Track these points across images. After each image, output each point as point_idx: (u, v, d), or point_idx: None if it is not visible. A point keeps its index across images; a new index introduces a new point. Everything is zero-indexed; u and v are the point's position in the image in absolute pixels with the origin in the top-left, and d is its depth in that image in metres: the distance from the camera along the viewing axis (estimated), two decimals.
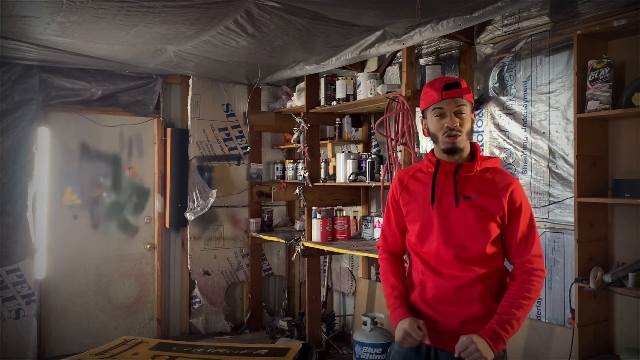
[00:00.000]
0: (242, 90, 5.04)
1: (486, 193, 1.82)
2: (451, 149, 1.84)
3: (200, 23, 3.13)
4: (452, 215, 1.83)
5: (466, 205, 1.82)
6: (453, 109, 1.81)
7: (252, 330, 5.00)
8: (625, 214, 2.78)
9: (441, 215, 1.84)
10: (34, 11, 2.86)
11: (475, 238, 1.80)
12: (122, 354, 1.38)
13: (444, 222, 1.83)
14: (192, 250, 4.80)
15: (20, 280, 4.15)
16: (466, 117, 1.83)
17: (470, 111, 1.86)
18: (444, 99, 1.81)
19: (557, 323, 3.08)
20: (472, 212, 1.81)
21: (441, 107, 1.82)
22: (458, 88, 1.82)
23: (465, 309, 1.81)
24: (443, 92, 1.81)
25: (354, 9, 2.91)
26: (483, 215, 1.80)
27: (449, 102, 1.81)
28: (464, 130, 1.82)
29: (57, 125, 4.35)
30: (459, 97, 1.82)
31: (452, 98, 1.81)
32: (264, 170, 5.16)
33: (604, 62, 2.60)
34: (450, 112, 1.81)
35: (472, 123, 1.87)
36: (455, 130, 1.80)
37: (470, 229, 1.81)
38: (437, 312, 1.85)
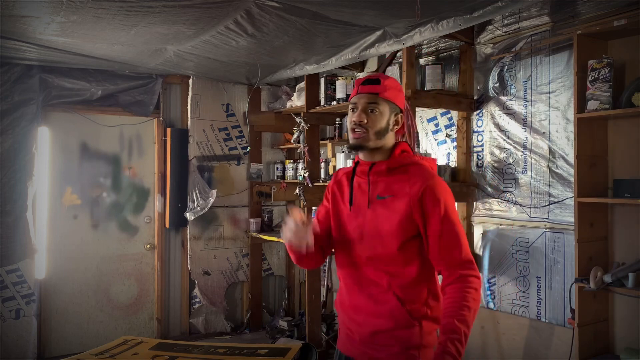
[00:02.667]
0: (242, 90, 5.04)
1: (399, 193, 1.70)
2: (354, 145, 1.74)
3: (200, 23, 3.13)
4: (365, 216, 1.74)
5: (379, 206, 1.72)
6: (364, 104, 1.72)
7: (252, 330, 5.00)
8: (625, 214, 2.78)
9: (356, 217, 1.76)
10: (34, 11, 2.86)
11: (386, 241, 1.69)
12: (122, 354, 1.38)
13: (358, 224, 1.75)
14: (192, 250, 4.80)
15: (20, 280, 4.15)
16: (379, 115, 1.71)
17: (390, 112, 1.74)
18: (359, 92, 1.75)
19: (557, 323, 3.08)
20: (383, 213, 1.70)
21: (355, 101, 1.75)
22: (375, 84, 1.73)
23: (377, 320, 1.70)
24: (360, 87, 1.75)
25: (354, 9, 2.90)
26: (394, 216, 1.68)
27: (362, 96, 1.73)
28: (371, 129, 1.70)
29: (57, 125, 4.35)
30: (375, 93, 1.71)
31: (366, 93, 1.72)
32: (264, 170, 5.16)
33: (604, 62, 2.60)
34: (361, 107, 1.72)
35: (389, 124, 1.74)
36: (361, 126, 1.71)
37: (381, 231, 1.70)
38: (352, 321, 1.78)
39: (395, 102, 1.76)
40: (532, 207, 3.22)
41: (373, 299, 1.71)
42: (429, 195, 1.65)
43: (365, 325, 1.72)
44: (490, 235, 3.47)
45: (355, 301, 1.76)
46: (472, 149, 3.59)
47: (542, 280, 3.18)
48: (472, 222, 3.58)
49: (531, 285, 3.23)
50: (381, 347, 1.69)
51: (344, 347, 1.83)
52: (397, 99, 1.76)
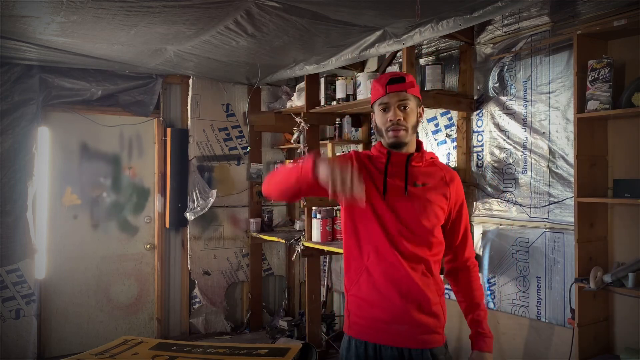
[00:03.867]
0: (242, 90, 5.04)
1: (433, 182, 1.86)
2: (395, 143, 1.83)
3: (200, 23, 3.13)
4: (402, 203, 1.82)
5: (416, 194, 1.82)
6: (396, 102, 1.81)
7: (252, 330, 5.00)
8: (625, 214, 2.78)
9: (391, 203, 1.82)
10: (34, 11, 2.86)
11: (424, 225, 1.81)
12: (122, 354, 1.38)
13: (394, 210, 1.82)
14: (192, 250, 4.80)
15: (20, 280, 4.15)
16: (410, 111, 1.83)
17: (417, 106, 1.86)
18: (388, 93, 1.82)
19: (557, 323, 3.08)
20: (421, 199, 1.82)
21: (386, 101, 1.82)
22: (402, 82, 1.82)
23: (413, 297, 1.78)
24: (387, 87, 1.82)
25: (354, 9, 2.91)
26: (431, 203, 1.82)
27: (392, 96, 1.81)
28: (408, 125, 1.82)
29: (57, 125, 4.35)
30: (403, 91, 1.82)
31: (396, 92, 1.81)
32: (264, 170, 5.16)
33: (604, 62, 2.60)
34: (394, 106, 1.81)
35: (418, 117, 1.87)
36: (399, 124, 1.80)
37: (419, 216, 1.81)
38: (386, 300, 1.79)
39: (419, 97, 1.89)
40: (532, 207, 3.22)
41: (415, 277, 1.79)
42: (458, 186, 1.91)
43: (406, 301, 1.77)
44: (490, 235, 3.47)
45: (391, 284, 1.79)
46: (472, 149, 3.59)
47: (542, 280, 3.18)
48: (472, 222, 3.58)
49: (531, 285, 3.23)
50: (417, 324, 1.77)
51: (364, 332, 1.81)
52: (418, 92, 1.90)
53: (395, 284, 1.78)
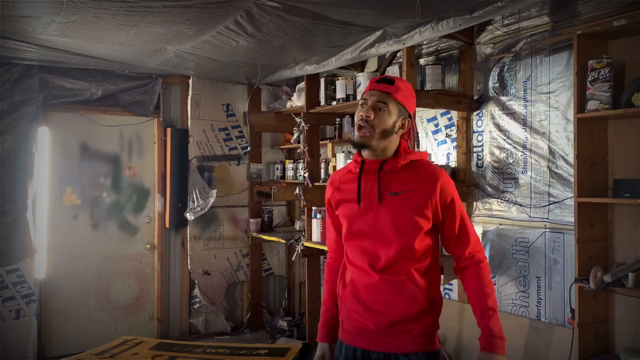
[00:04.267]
0: (242, 90, 5.04)
1: (412, 188, 1.76)
2: (358, 143, 1.77)
3: (200, 23, 3.13)
4: (378, 212, 1.77)
5: (393, 202, 1.76)
6: (374, 101, 1.74)
7: (252, 330, 5.00)
8: (625, 214, 2.78)
9: (368, 213, 1.78)
10: (34, 11, 2.86)
11: (403, 234, 1.74)
12: (122, 354, 1.38)
13: (371, 220, 1.78)
14: (192, 250, 4.80)
15: (20, 280, 4.15)
16: (385, 115, 1.74)
17: (398, 114, 1.77)
18: (371, 89, 1.76)
19: (557, 323, 3.08)
20: (399, 207, 1.75)
21: (366, 97, 1.77)
22: (389, 84, 1.75)
23: (399, 307, 1.76)
24: (373, 84, 1.77)
25: (354, 9, 2.91)
26: (410, 210, 1.74)
27: (373, 93, 1.75)
28: (376, 126, 1.73)
29: (57, 125, 4.35)
30: (386, 93, 1.74)
31: (378, 91, 1.74)
32: (264, 170, 5.16)
33: (604, 62, 2.60)
34: (371, 104, 1.74)
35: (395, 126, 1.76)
36: (367, 122, 1.73)
37: (398, 225, 1.75)
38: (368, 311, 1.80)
39: (405, 106, 1.78)
40: (532, 207, 3.22)
41: (394, 289, 1.75)
42: (444, 189, 1.77)
43: (386, 314, 1.76)
44: (490, 235, 3.47)
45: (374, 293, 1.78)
46: (472, 149, 3.59)
47: (542, 280, 3.18)
48: (472, 222, 3.58)
49: (531, 285, 3.23)
50: (400, 332, 1.75)
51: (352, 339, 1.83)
52: (407, 103, 1.79)
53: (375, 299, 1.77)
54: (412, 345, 1.75)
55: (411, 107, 1.81)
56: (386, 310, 1.76)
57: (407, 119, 1.80)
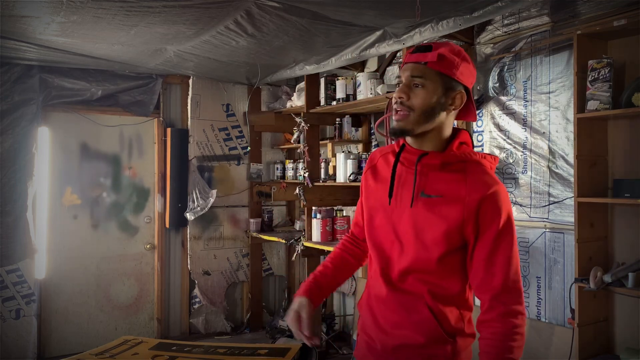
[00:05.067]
0: (242, 90, 5.04)
1: (451, 195, 1.40)
2: (394, 129, 1.42)
3: (200, 23, 3.13)
4: (404, 214, 1.45)
5: (423, 206, 1.42)
6: (408, 77, 1.41)
7: (252, 330, 5.00)
8: (625, 214, 2.78)
9: (392, 213, 1.48)
10: (34, 11, 2.86)
11: (422, 246, 1.42)
12: (122, 353, 1.38)
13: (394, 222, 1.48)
14: (192, 250, 4.80)
15: (20, 280, 4.15)
16: (424, 92, 1.38)
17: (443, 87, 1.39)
18: (404, 63, 1.43)
19: (557, 323, 3.08)
20: (427, 215, 1.41)
21: (400, 75, 1.44)
22: (425, 52, 1.38)
23: (405, 332, 1.46)
24: (407, 56, 1.43)
25: (354, 9, 2.90)
26: (440, 222, 1.39)
27: (407, 68, 1.41)
28: (414, 107, 1.39)
29: (57, 125, 4.35)
30: (421, 63, 1.38)
31: (412, 63, 1.40)
32: (264, 170, 5.16)
33: (604, 62, 2.60)
34: (405, 81, 1.41)
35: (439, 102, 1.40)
36: (401, 104, 1.40)
37: (422, 235, 1.42)
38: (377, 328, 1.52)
39: (453, 75, 1.40)
40: (532, 207, 3.22)
41: (405, 307, 1.46)
42: (489, 206, 1.37)
43: (392, 336, 1.48)
44: None
45: (383, 307, 1.51)
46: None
47: (542, 280, 3.18)
48: None
49: (531, 285, 3.23)
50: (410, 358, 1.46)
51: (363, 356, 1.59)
52: (454, 70, 1.39)
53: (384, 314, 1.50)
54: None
55: (462, 76, 1.41)
56: (393, 331, 1.48)
57: (459, 92, 1.42)
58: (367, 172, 1.62)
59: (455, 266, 1.44)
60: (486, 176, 1.41)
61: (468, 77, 1.44)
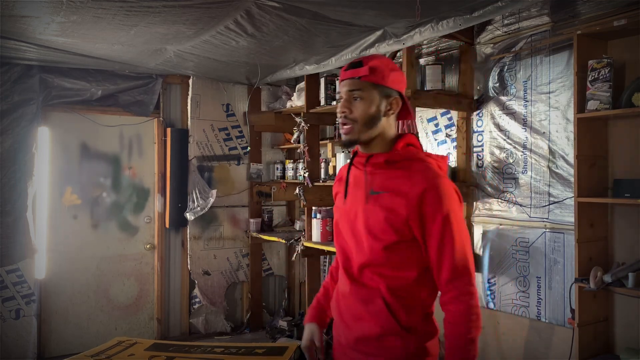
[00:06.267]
0: (242, 90, 5.04)
1: (396, 190, 1.50)
2: (345, 141, 1.57)
3: (200, 23, 3.13)
4: (358, 211, 1.58)
5: (372, 202, 1.54)
6: (346, 92, 1.54)
7: (252, 330, 5.00)
8: (625, 214, 2.78)
9: (349, 213, 1.61)
10: (34, 11, 2.86)
11: (374, 240, 1.52)
12: (118, 354, 1.37)
13: (350, 219, 1.61)
14: (192, 250, 4.80)
15: (20, 280, 4.15)
16: (364, 103, 1.51)
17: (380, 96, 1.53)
18: (341, 80, 1.56)
19: (557, 323, 3.07)
20: (375, 210, 1.53)
21: (339, 90, 1.57)
22: (357, 67, 1.51)
23: (363, 323, 1.56)
24: (342, 73, 1.56)
25: (354, 9, 2.90)
26: (383, 214, 1.51)
27: (344, 84, 1.54)
28: (357, 118, 1.52)
29: (57, 125, 4.35)
30: (355, 78, 1.51)
31: (349, 79, 1.53)
32: (264, 170, 5.16)
33: (604, 62, 2.60)
34: (345, 96, 1.54)
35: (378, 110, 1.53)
36: (345, 118, 1.53)
37: (370, 228, 1.53)
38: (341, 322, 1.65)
39: (385, 84, 1.53)
40: (532, 207, 3.22)
41: (363, 300, 1.56)
42: (430, 197, 1.46)
43: (353, 328, 1.59)
44: (490, 235, 3.47)
45: (347, 302, 1.62)
46: (472, 149, 3.59)
47: (542, 280, 3.17)
48: (472, 222, 3.57)
49: (531, 285, 3.23)
50: (366, 355, 1.56)
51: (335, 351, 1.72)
52: (386, 80, 1.53)
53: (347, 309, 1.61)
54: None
55: (393, 83, 1.55)
56: (354, 325, 1.58)
57: (394, 98, 1.56)
58: (335, 184, 1.78)
59: (407, 258, 1.53)
60: (428, 171, 1.52)
61: (399, 83, 1.57)
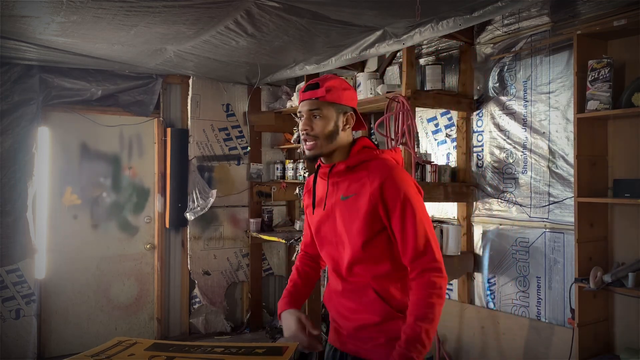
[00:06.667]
0: (242, 90, 5.04)
1: (360, 190, 1.69)
2: (309, 155, 1.75)
3: (200, 23, 3.13)
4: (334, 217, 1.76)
5: (344, 206, 1.72)
6: (307, 111, 1.71)
7: (252, 330, 5.00)
8: (625, 214, 2.78)
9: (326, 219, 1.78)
10: (34, 11, 2.86)
11: (353, 239, 1.70)
12: (118, 354, 1.37)
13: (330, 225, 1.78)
14: (192, 250, 4.80)
15: (20, 280, 4.15)
16: (323, 120, 1.69)
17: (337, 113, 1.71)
18: (301, 100, 1.74)
19: (557, 323, 3.07)
20: (347, 211, 1.71)
21: (300, 110, 1.74)
22: (314, 89, 1.70)
23: (362, 315, 1.73)
24: (301, 94, 1.74)
25: (354, 9, 2.90)
26: (356, 214, 1.69)
27: (304, 104, 1.72)
28: (318, 134, 1.70)
29: (57, 125, 4.35)
30: (315, 99, 1.69)
31: (308, 100, 1.71)
32: (264, 170, 5.16)
33: (604, 62, 2.60)
34: (306, 115, 1.71)
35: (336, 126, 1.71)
36: (308, 134, 1.71)
37: (348, 230, 1.71)
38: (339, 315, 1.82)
39: (341, 102, 1.72)
40: (532, 207, 3.22)
41: (355, 295, 1.74)
42: (388, 188, 1.64)
43: (352, 320, 1.76)
44: (490, 235, 3.47)
45: (340, 298, 1.80)
46: (472, 149, 3.59)
47: (542, 280, 3.17)
48: (472, 222, 3.58)
49: (531, 285, 3.23)
50: (367, 339, 1.73)
51: (333, 340, 1.87)
52: (341, 98, 1.72)
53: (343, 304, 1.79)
54: (376, 354, 1.69)
55: (347, 100, 1.74)
56: (353, 316, 1.76)
57: (348, 113, 1.75)
58: (305, 196, 1.94)
59: (383, 249, 1.69)
60: (384, 166, 1.70)
61: (352, 100, 1.77)
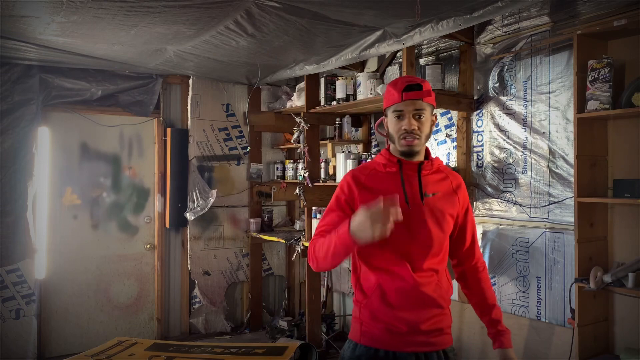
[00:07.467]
0: (242, 90, 5.05)
1: (444, 191, 1.85)
2: (408, 152, 1.81)
3: (200, 23, 3.13)
4: (420, 213, 1.80)
5: (429, 204, 1.81)
6: (412, 111, 1.77)
7: (252, 330, 5.00)
8: (625, 214, 2.78)
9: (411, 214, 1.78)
10: (34, 11, 2.86)
11: (438, 236, 1.81)
12: (118, 354, 1.37)
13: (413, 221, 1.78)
14: (192, 250, 4.80)
15: (20, 280, 4.16)
16: (425, 121, 1.80)
17: (431, 114, 1.83)
18: (403, 100, 1.77)
19: (557, 323, 3.07)
20: (435, 208, 1.81)
21: (401, 109, 1.78)
22: (419, 90, 1.77)
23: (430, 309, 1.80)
24: (403, 94, 1.77)
25: (354, 9, 2.90)
26: (444, 211, 1.83)
27: (408, 103, 1.77)
28: (422, 134, 1.79)
29: (57, 125, 4.35)
30: (419, 99, 1.77)
31: (412, 100, 1.77)
32: (264, 170, 5.16)
33: (604, 62, 2.60)
34: (409, 115, 1.77)
35: (431, 126, 1.85)
36: (413, 133, 1.77)
37: (433, 227, 1.80)
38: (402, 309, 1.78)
39: (433, 104, 1.85)
40: (532, 207, 3.22)
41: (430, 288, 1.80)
42: (465, 192, 1.92)
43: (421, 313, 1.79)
44: (490, 235, 3.47)
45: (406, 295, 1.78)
46: (472, 149, 3.59)
47: (542, 280, 3.17)
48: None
49: (531, 285, 3.23)
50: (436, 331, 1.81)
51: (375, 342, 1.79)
52: (434, 100, 1.85)
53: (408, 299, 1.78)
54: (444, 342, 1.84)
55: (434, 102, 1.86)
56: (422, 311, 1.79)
57: (434, 115, 1.88)
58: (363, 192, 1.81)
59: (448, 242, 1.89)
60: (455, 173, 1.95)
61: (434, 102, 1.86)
